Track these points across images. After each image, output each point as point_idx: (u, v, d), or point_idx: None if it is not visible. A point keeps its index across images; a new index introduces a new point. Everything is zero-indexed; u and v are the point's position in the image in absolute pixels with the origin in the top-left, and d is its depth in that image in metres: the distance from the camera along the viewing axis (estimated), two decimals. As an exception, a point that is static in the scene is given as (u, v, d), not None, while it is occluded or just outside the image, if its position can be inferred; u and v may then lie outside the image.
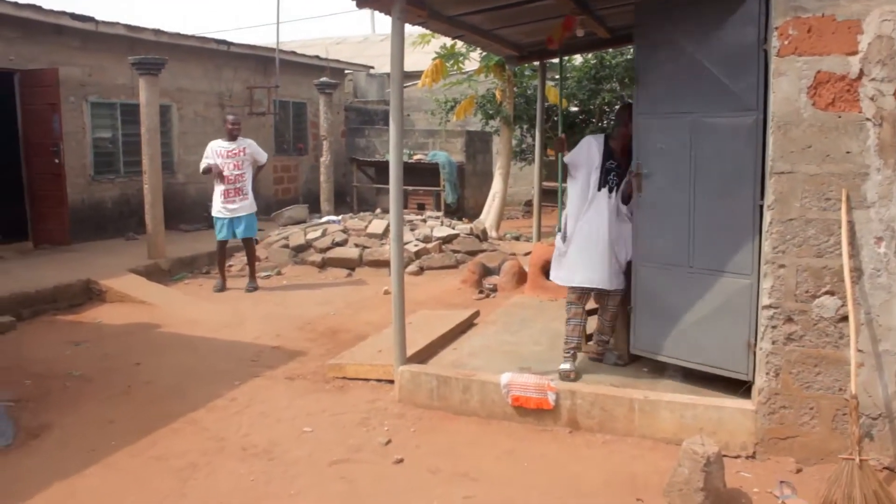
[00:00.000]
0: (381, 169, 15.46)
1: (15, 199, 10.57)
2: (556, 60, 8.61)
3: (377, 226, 10.29)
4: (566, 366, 4.83)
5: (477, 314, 7.00)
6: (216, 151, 8.45)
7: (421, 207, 14.58)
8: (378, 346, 5.88)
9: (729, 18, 4.21)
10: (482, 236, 10.79)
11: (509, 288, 8.39)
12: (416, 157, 14.88)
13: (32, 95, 10.03)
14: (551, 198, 17.18)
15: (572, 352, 4.94)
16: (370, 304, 8.05)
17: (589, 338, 5.42)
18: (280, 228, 11.21)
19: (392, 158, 4.90)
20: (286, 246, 10.12)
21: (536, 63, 12.43)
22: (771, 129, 3.94)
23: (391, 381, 5.17)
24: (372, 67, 17.83)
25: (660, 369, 4.91)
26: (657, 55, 4.61)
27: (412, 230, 10.40)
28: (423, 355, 5.47)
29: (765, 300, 4.01)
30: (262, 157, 8.67)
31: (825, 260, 3.85)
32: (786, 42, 3.85)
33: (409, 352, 5.14)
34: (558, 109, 12.86)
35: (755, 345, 4.16)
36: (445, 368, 5.02)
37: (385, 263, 9.60)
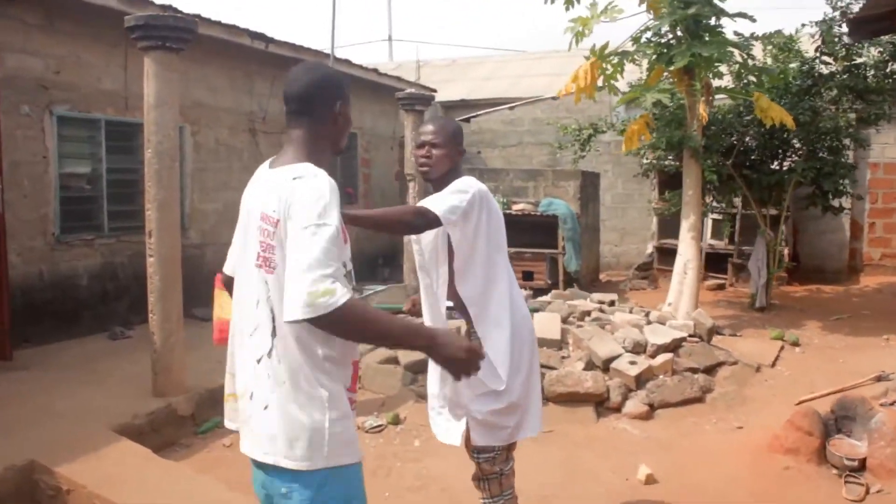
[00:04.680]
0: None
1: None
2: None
3: (546, 325, 5.99)
4: None
5: None
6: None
7: (527, 278, 10.31)
8: None
9: None
10: (706, 336, 6.51)
11: (899, 470, 4.10)
12: (517, 208, 10.63)
13: (-48, 97, 5.76)
14: (672, 259, 13.04)
15: None
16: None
17: None
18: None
19: None
20: (395, 362, 5.78)
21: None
22: None
23: None
24: (434, 92, 13.69)
25: None
26: None
27: (601, 325, 6.11)
28: None
29: None
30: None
31: None
32: None
33: None
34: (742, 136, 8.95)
35: None
36: None
37: (585, 398, 5.32)
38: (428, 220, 2.75)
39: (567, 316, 6.35)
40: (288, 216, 1.88)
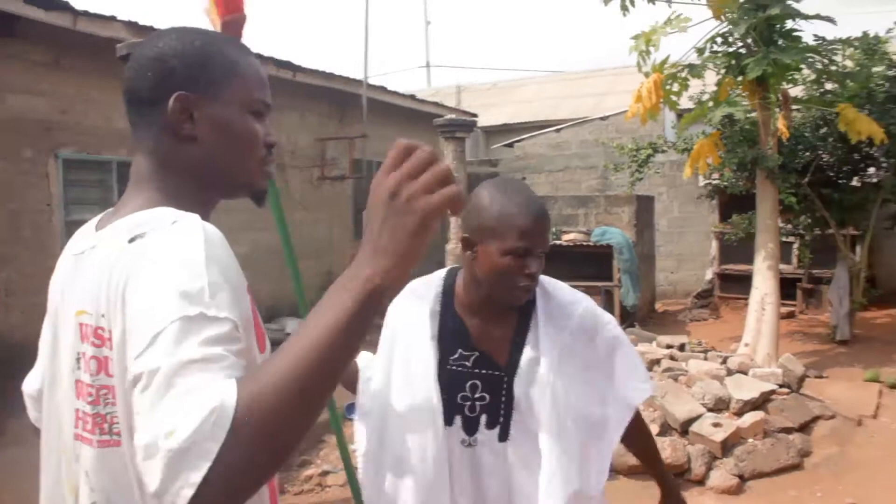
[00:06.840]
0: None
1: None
2: None
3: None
4: None
5: None
6: None
7: (582, 313, 9.47)
8: None
9: None
10: (796, 385, 5.63)
11: None
12: (567, 238, 9.85)
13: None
14: (735, 286, 12.08)
15: None
16: None
17: None
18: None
19: None
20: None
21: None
22: None
23: None
24: (475, 117, 13.04)
25: None
26: None
27: (674, 378, 5.28)
28: None
29: None
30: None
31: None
32: None
33: None
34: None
35: None
36: None
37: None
38: None
39: (633, 366, 5.55)
40: (125, 320, 0.90)
